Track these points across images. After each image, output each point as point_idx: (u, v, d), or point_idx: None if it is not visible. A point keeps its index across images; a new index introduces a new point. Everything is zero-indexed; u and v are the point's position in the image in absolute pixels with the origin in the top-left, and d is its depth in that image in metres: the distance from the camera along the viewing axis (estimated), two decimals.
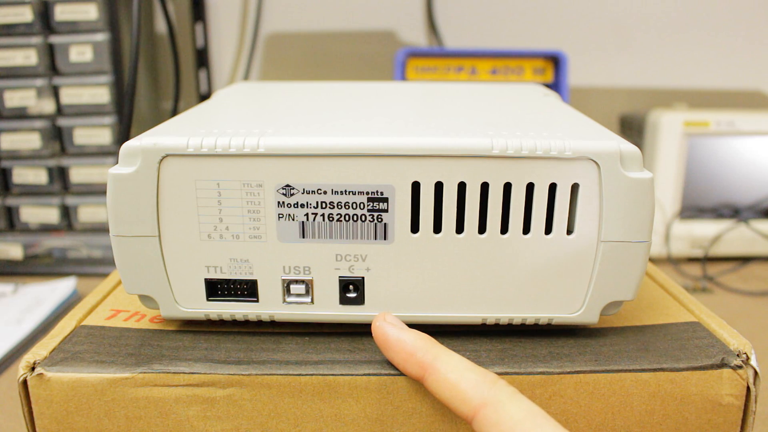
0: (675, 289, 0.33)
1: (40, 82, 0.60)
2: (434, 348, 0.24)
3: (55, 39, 0.59)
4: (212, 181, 0.26)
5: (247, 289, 0.28)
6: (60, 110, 0.61)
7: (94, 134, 0.61)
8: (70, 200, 0.63)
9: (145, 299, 0.28)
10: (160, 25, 0.76)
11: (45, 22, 0.59)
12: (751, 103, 0.81)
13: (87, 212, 0.63)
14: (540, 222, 0.26)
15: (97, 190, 0.63)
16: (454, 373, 0.22)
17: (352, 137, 0.25)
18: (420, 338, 0.24)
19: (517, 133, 0.26)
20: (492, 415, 0.21)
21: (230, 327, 0.29)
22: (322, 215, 0.26)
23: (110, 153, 0.62)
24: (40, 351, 0.27)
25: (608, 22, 0.78)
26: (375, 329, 0.25)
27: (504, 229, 0.26)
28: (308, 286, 0.27)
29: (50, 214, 0.63)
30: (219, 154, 0.25)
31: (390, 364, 0.26)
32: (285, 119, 0.29)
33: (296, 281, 0.27)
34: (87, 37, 0.59)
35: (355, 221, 0.26)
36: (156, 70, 0.75)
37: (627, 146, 0.25)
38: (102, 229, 0.64)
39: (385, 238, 0.26)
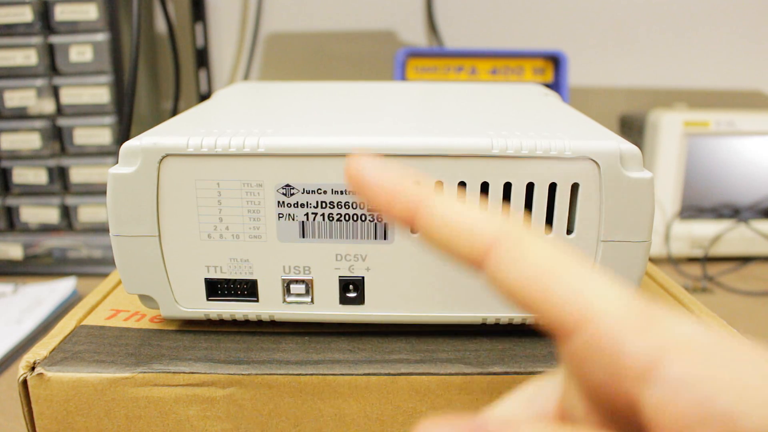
0: (675, 289, 0.33)
1: (40, 82, 0.60)
2: (428, 183, 0.18)
3: (55, 39, 0.59)
4: (212, 181, 0.26)
5: (247, 289, 0.28)
6: (60, 110, 0.61)
7: (94, 134, 0.61)
8: (70, 200, 0.63)
9: (145, 299, 0.28)
10: (160, 25, 0.76)
11: (45, 22, 0.59)
12: (751, 103, 0.81)
13: (87, 212, 0.63)
14: (540, 222, 0.26)
15: (97, 190, 0.63)
16: (457, 205, 0.17)
17: (352, 137, 0.25)
18: (408, 173, 0.19)
19: (517, 133, 0.26)
20: (512, 249, 0.16)
21: (230, 327, 0.29)
22: (322, 215, 0.26)
23: (110, 153, 0.62)
24: (40, 351, 0.27)
25: (608, 22, 0.78)
26: (349, 165, 0.19)
27: None
28: (308, 285, 0.27)
29: (50, 214, 0.63)
30: (219, 154, 0.25)
31: (390, 363, 0.26)
32: (285, 119, 0.29)
33: (296, 281, 0.27)
34: (87, 37, 0.59)
35: (355, 221, 0.26)
36: (156, 70, 0.75)
37: (627, 146, 0.25)
38: (102, 229, 0.64)
39: (385, 238, 0.26)
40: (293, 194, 0.26)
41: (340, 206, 0.26)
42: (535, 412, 0.17)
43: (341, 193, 0.26)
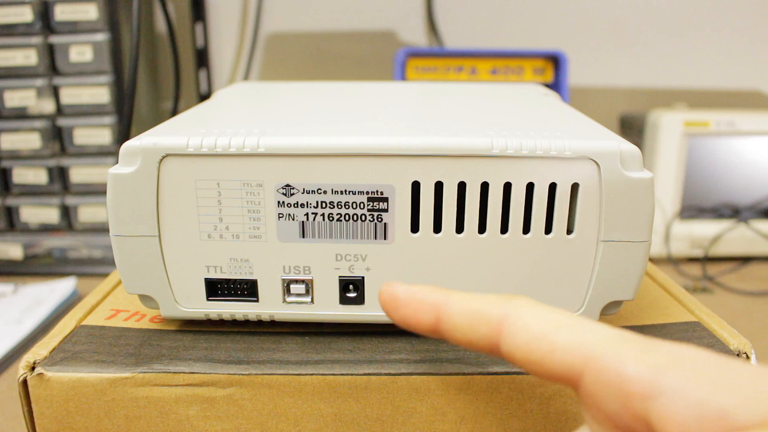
0: (675, 289, 0.33)
1: (40, 82, 0.60)
2: (445, 289, 0.21)
3: (55, 39, 0.59)
4: (212, 181, 0.26)
5: (247, 289, 0.28)
6: (60, 110, 0.61)
7: (94, 134, 0.61)
8: (70, 200, 0.63)
9: (145, 299, 0.28)
10: (160, 25, 0.76)
11: (45, 22, 0.59)
12: (751, 103, 0.81)
13: (87, 212, 0.63)
14: (540, 222, 0.26)
15: (97, 190, 0.63)
16: (470, 299, 0.20)
17: (352, 137, 0.25)
18: (431, 286, 0.22)
19: (517, 132, 0.26)
20: (517, 321, 0.18)
21: (230, 327, 0.29)
22: (322, 215, 0.26)
23: (110, 153, 0.62)
24: (40, 351, 0.27)
25: (608, 22, 0.78)
26: (383, 292, 0.23)
27: (504, 229, 0.26)
28: (308, 285, 0.27)
29: (50, 214, 0.63)
30: (219, 154, 0.25)
31: (390, 363, 0.26)
32: (285, 119, 0.29)
33: (296, 281, 0.27)
34: (87, 37, 0.59)
35: (355, 221, 0.26)
36: (156, 70, 0.75)
37: (627, 146, 0.25)
38: (102, 229, 0.64)
39: (385, 238, 0.26)
40: (293, 194, 0.26)
41: (340, 206, 0.26)
42: None
43: (341, 192, 0.26)
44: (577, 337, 0.17)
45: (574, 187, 0.26)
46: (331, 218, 0.26)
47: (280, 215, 0.26)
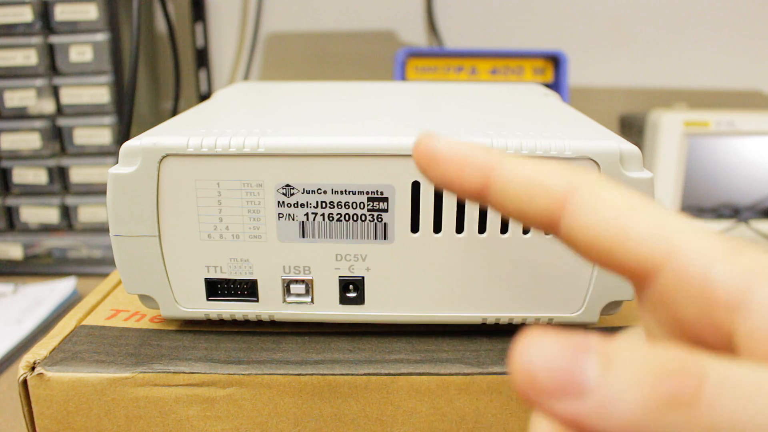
0: None
1: (40, 82, 0.60)
2: (496, 150, 0.18)
3: (55, 39, 0.59)
4: (212, 181, 0.26)
5: (247, 289, 0.28)
6: (60, 110, 0.61)
7: (94, 134, 0.61)
8: (70, 200, 0.63)
9: (145, 299, 0.28)
10: (160, 25, 0.76)
11: (45, 22, 0.59)
12: (751, 103, 0.81)
13: (87, 212, 0.63)
14: None
15: (97, 190, 0.63)
16: (529, 165, 0.17)
17: (352, 137, 0.25)
18: (478, 144, 0.18)
19: (517, 133, 0.26)
20: (587, 197, 0.15)
21: (230, 327, 0.29)
22: (322, 215, 0.26)
23: (110, 153, 0.62)
24: (40, 351, 0.27)
25: (608, 21, 0.78)
26: (419, 144, 0.18)
27: (504, 229, 0.26)
28: (308, 285, 0.27)
29: (50, 214, 0.63)
30: (219, 154, 0.25)
31: (390, 363, 0.26)
32: (285, 119, 0.29)
33: (296, 281, 0.27)
34: (87, 37, 0.59)
35: (355, 221, 0.26)
36: (156, 70, 0.75)
37: (627, 146, 0.25)
38: (102, 229, 0.64)
39: (385, 238, 0.26)
40: (293, 194, 0.26)
41: (340, 206, 0.26)
42: None
43: (341, 192, 0.26)
44: (659, 225, 0.14)
45: None
46: (331, 218, 0.26)
47: (280, 215, 0.26)
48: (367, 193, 0.26)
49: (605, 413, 0.11)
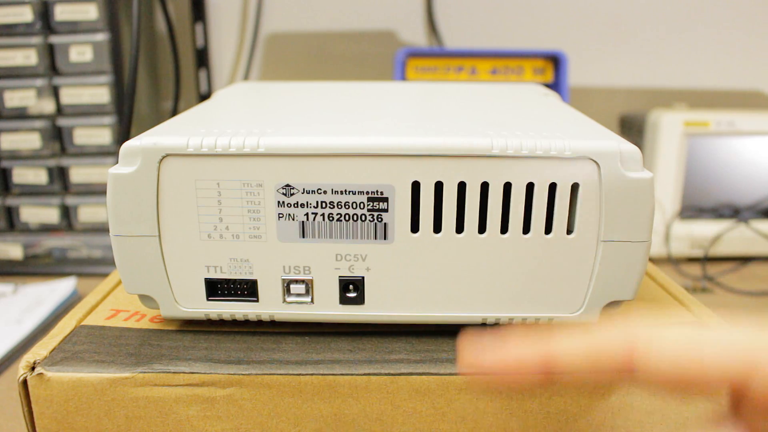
0: (675, 289, 0.33)
1: (40, 82, 0.60)
2: (545, 341, 0.19)
3: (55, 39, 0.59)
4: (212, 181, 0.26)
5: (247, 289, 0.28)
6: (60, 110, 0.61)
7: (94, 134, 0.61)
8: (70, 200, 0.63)
9: (145, 299, 0.28)
10: (160, 25, 0.76)
11: (45, 22, 0.59)
12: (751, 103, 0.81)
13: (87, 212, 0.63)
14: (540, 222, 0.26)
15: (97, 190, 0.63)
16: (584, 341, 0.18)
17: (352, 137, 0.25)
18: (525, 342, 0.19)
19: (517, 132, 0.26)
20: (651, 346, 0.17)
21: (230, 327, 0.29)
22: (322, 215, 0.26)
23: (110, 153, 0.62)
24: (40, 351, 0.27)
25: (608, 22, 0.78)
26: (462, 365, 0.20)
27: (504, 229, 0.26)
28: (308, 285, 0.27)
29: (50, 214, 0.63)
30: (219, 154, 0.25)
31: (390, 363, 0.26)
32: (285, 119, 0.29)
33: (296, 281, 0.27)
34: (87, 37, 0.59)
35: (355, 221, 0.26)
36: (156, 70, 0.75)
37: (627, 146, 0.25)
38: (102, 229, 0.64)
39: (385, 238, 0.26)
40: (293, 194, 0.26)
41: (340, 206, 0.26)
42: None
43: (341, 193, 0.26)
44: (725, 348, 0.16)
45: (574, 187, 0.26)
46: (331, 218, 0.26)
47: (280, 215, 0.26)
48: (367, 193, 0.26)
49: None
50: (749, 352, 0.16)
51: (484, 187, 0.26)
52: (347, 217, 0.26)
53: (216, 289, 0.28)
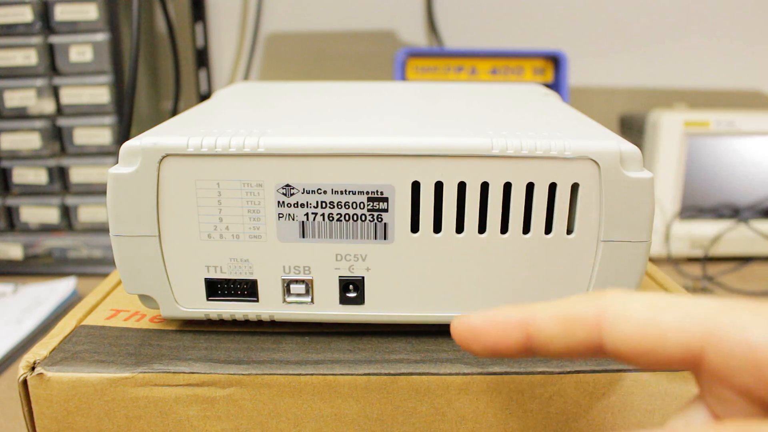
0: (675, 289, 0.33)
1: (40, 82, 0.60)
2: (521, 305, 0.20)
3: (55, 39, 0.59)
4: (212, 181, 0.26)
5: (247, 289, 0.28)
6: (60, 110, 0.61)
7: (94, 134, 0.61)
8: (70, 200, 0.63)
9: (145, 299, 0.28)
10: (160, 25, 0.76)
11: (45, 22, 0.59)
12: (751, 103, 0.81)
13: (87, 212, 0.63)
14: (540, 222, 0.26)
15: (97, 190, 0.63)
16: (557, 307, 0.19)
17: (352, 137, 0.25)
18: (504, 307, 0.20)
19: (517, 132, 0.26)
20: (617, 313, 0.17)
21: (230, 327, 0.29)
22: (322, 215, 0.26)
23: (110, 153, 0.62)
24: (40, 351, 0.27)
25: (608, 22, 0.78)
26: (456, 328, 0.21)
27: (504, 229, 0.26)
28: (308, 285, 0.27)
29: (50, 214, 0.63)
30: (219, 154, 0.25)
31: (390, 363, 0.26)
32: (285, 119, 0.29)
33: (296, 281, 0.27)
34: (87, 37, 0.59)
35: (355, 221, 0.26)
36: (156, 70, 0.75)
37: (627, 146, 0.25)
38: (102, 229, 0.64)
39: (385, 238, 0.26)
40: (293, 194, 0.26)
41: (340, 206, 0.26)
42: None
43: (341, 192, 0.26)
44: (687, 314, 0.16)
45: (574, 187, 0.26)
46: (331, 218, 0.26)
47: (280, 215, 0.26)
48: (367, 193, 0.26)
49: None
50: (706, 319, 0.16)
51: (484, 187, 0.26)
52: (347, 217, 0.26)
53: (216, 289, 0.28)
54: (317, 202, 0.26)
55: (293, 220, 0.26)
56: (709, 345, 0.15)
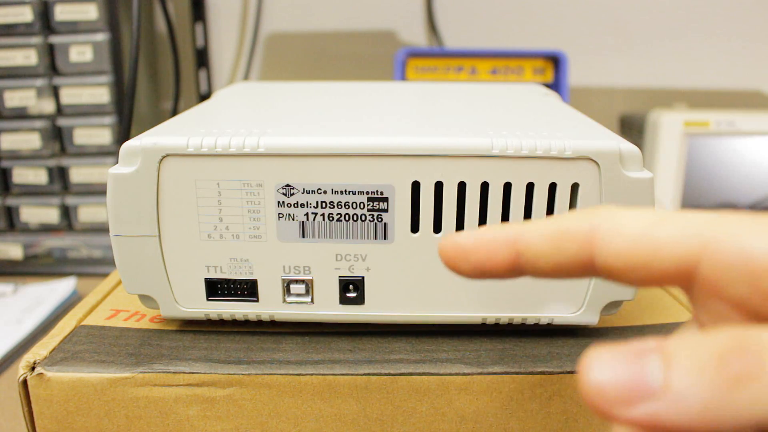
0: (675, 289, 0.33)
1: (40, 82, 0.60)
2: (512, 224, 0.19)
3: (55, 39, 0.59)
4: (212, 181, 0.26)
5: (247, 289, 0.28)
6: (60, 110, 0.61)
7: (94, 134, 0.61)
8: (70, 200, 0.63)
9: (145, 299, 0.28)
10: (160, 25, 0.76)
11: (45, 22, 0.59)
12: (751, 103, 0.81)
13: (87, 212, 0.63)
14: None
15: (97, 190, 0.63)
16: (548, 224, 0.18)
17: (352, 137, 0.25)
18: (495, 225, 0.20)
19: (517, 132, 0.26)
20: (609, 228, 0.17)
21: (230, 327, 0.29)
22: (322, 215, 0.26)
23: (110, 153, 0.62)
24: (40, 351, 0.27)
25: (608, 22, 0.78)
26: (444, 247, 0.20)
27: None
28: (308, 285, 0.27)
29: (50, 214, 0.63)
30: (219, 154, 0.25)
31: (390, 363, 0.26)
32: (285, 119, 0.29)
33: (296, 281, 0.27)
34: (87, 37, 0.59)
35: (355, 221, 0.26)
36: (156, 70, 0.75)
37: (627, 146, 0.25)
38: (102, 229, 0.64)
39: (385, 238, 0.26)
40: (293, 194, 0.26)
41: (340, 206, 0.26)
42: None
43: (341, 192, 0.26)
44: (681, 227, 0.15)
45: (574, 187, 0.26)
46: (331, 218, 0.26)
47: (280, 215, 0.26)
48: (367, 193, 0.26)
49: (679, 407, 0.12)
50: (702, 231, 0.15)
51: (484, 187, 0.26)
52: (347, 217, 0.26)
53: (216, 289, 0.28)
54: (317, 202, 0.26)
55: (293, 220, 0.26)
56: (704, 256, 0.15)
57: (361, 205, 0.26)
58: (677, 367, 0.12)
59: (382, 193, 0.26)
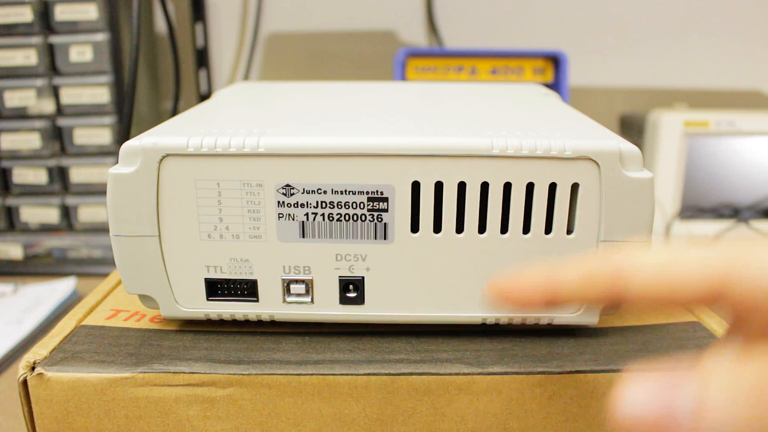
0: None
1: (40, 82, 0.60)
2: (547, 266, 0.20)
3: (55, 39, 0.59)
4: (212, 181, 0.26)
5: (247, 289, 0.28)
6: (60, 110, 0.61)
7: (94, 134, 0.61)
8: (70, 200, 0.63)
9: (145, 299, 0.28)
10: (160, 25, 0.76)
11: (45, 22, 0.59)
12: (751, 103, 0.81)
13: (87, 212, 0.63)
14: (540, 222, 0.26)
15: (97, 190, 0.63)
16: (577, 265, 0.19)
17: (352, 137, 0.25)
18: (532, 271, 0.20)
19: (517, 132, 0.26)
20: (634, 265, 0.18)
21: (230, 327, 0.29)
22: (322, 215, 0.26)
23: (110, 153, 0.62)
24: (40, 351, 0.27)
25: (608, 22, 0.78)
26: (489, 289, 0.21)
27: (504, 229, 0.26)
28: (308, 285, 0.27)
29: (50, 214, 0.63)
30: (219, 154, 0.25)
31: (390, 363, 0.26)
32: (285, 119, 0.29)
33: (296, 281, 0.27)
34: (87, 37, 0.59)
35: (355, 221, 0.26)
36: (156, 70, 0.75)
37: (627, 146, 0.25)
38: (102, 229, 0.64)
39: (385, 238, 0.26)
40: (293, 194, 0.26)
41: (340, 206, 0.26)
42: None
43: (341, 192, 0.26)
44: (704, 252, 0.16)
45: (574, 187, 0.26)
46: (331, 218, 0.26)
47: (280, 215, 0.26)
48: (367, 193, 0.26)
49: None
50: (724, 254, 0.16)
51: (484, 187, 0.26)
52: (347, 217, 0.26)
53: (216, 289, 0.28)
54: (317, 202, 0.26)
55: (293, 220, 0.26)
56: (731, 277, 0.16)
57: (361, 205, 0.26)
58: (712, 399, 0.13)
59: (382, 193, 0.26)
